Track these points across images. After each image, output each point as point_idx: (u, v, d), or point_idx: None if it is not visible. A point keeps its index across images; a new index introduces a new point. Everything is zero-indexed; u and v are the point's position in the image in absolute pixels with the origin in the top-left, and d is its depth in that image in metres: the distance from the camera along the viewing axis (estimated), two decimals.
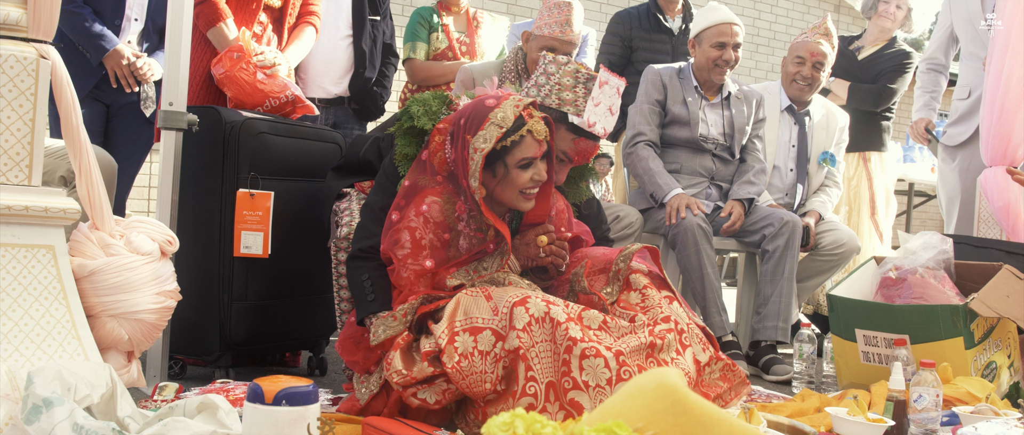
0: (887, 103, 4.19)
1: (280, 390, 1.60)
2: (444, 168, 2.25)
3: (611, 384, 1.97)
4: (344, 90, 3.75)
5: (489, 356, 2.04)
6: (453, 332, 2.05)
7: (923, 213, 10.15)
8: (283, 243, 2.68)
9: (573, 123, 2.41)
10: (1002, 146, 3.29)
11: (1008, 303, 2.71)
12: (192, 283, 2.57)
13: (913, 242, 3.02)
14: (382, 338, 2.14)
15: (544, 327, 2.03)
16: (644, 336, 2.10)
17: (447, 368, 2.03)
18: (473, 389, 2.04)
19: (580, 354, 1.98)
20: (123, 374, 1.99)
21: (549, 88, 2.41)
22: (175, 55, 2.53)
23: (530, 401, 2.01)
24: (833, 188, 3.77)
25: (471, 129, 2.16)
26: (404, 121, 2.36)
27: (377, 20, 3.83)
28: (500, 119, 2.13)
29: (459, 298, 2.11)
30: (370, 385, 2.21)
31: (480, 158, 2.12)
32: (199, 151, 2.63)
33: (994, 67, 3.30)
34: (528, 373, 2.01)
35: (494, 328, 2.05)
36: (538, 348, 2.02)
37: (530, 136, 2.16)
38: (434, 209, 2.19)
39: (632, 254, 2.28)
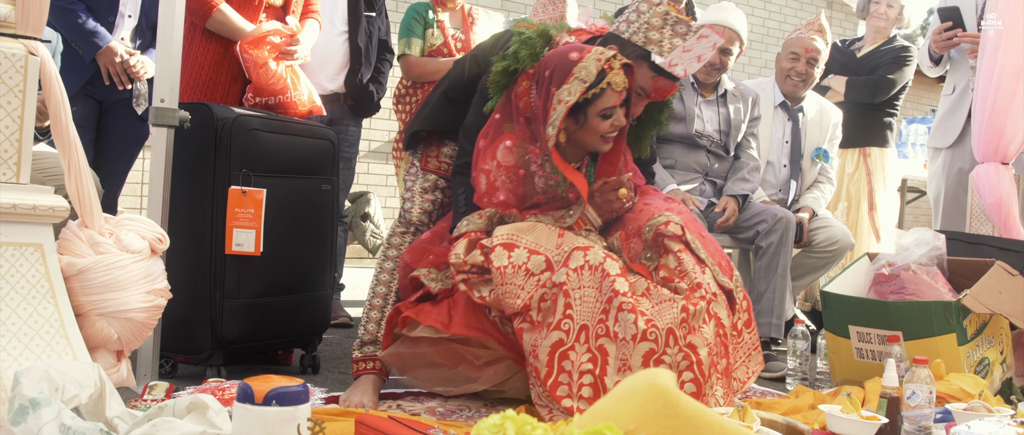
0: (886, 95, 4.19)
1: (270, 390, 1.59)
2: (527, 110, 2.39)
3: (635, 340, 2.12)
4: (340, 86, 3.74)
5: (532, 278, 2.21)
6: (514, 242, 2.24)
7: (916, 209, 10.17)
8: (275, 240, 2.66)
9: (655, 62, 2.48)
10: (994, 142, 3.29)
11: (1000, 299, 2.72)
12: (183, 281, 2.56)
13: (906, 238, 3.02)
14: (462, 230, 2.35)
15: (594, 275, 2.19)
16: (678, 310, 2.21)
17: (493, 266, 2.20)
18: (506, 298, 2.21)
19: (618, 306, 2.15)
20: (112, 373, 1.98)
21: (638, 26, 2.48)
22: (167, 52, 2.52)
23: (561, 336, 2.17)
24: (826, 184, 3.77)
25: (556, 82, 2.31)
26: (509, 62, 2.42)
27: (373, 16, 3.81)
28: (583, 74, 2.28)
29: (537, 224, 2.32)
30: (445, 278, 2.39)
31: (563, 109, 2.28)
32: (191, 148, 2.62)
33: (986, 64, 3.30)
34: (567, 310, 2.18)
35: (549, 257, 2.24)
36: (583, 292, 2.18)
37: (610, 88, 2.31)
38: (507, 154, 2.36)
39: (659, 224, 2.39)
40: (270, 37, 2.93)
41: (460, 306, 2.34)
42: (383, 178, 7.35)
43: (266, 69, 2.91)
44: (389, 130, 7.15)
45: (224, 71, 2.95)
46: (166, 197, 2.53)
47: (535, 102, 2.37)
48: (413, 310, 2.39)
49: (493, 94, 2.45)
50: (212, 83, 2.95)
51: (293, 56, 2.99)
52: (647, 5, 2.47)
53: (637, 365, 2.14)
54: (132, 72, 3.13)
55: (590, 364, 2.16)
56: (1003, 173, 3.32)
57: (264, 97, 2.91)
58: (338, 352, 3.22)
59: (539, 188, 2.42)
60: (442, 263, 2.43)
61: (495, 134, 2.41)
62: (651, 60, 2.46)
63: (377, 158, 7.33)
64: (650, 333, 2.13)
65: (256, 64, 2.90)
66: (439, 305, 2.37)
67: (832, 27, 10.67)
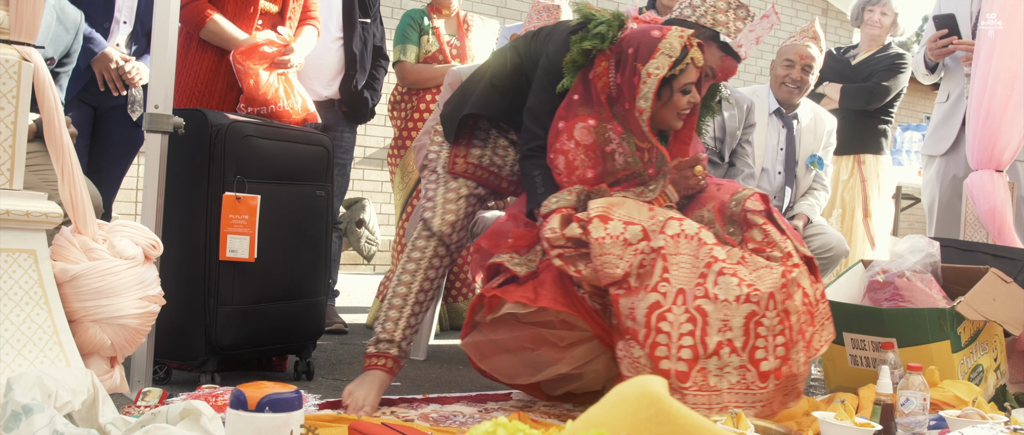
0: (880, 101, 4.19)
1: (263, 397, 1.59)
2: (606, 91, 2.45)
3: (738, 301, 2.18)
4: (334, 93, 3.74)
5: (630, 247, 2.25)
6: (609, 215, 2.29)
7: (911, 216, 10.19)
8: (270, 247, 2.66)
9: (724, 42, 2.60)
10: (988, 150, 3.30)
11: (994, 306, 2.72)
12: (177, 287, 2.56)
13: (900, 245, 3.02)
14: (553, 207, 2.37)
15: (690, 243, 2.25)
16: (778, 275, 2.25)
17: (591, 237, 2.25)
18: (605, 268, 2.24)
19: (718, 271, 2.20)
20: (106, 380, 1.97)
21: (704, 9, 2.60)
22: (161, 58, 2.52)
23: (658, 298, 2.21)
24: (821, 191, 3.78)
25: (642, 58, 2.39)
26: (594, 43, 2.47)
27: (367, 23, 3.82)
28: (669, 48, 2.38)
29: (625, 199, 2.37)
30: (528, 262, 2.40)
31: (654, 83, 2.37)
32: (185, 154, 2.61)
33: (980, 70, 3.31)
34: (664, 274, 2.21)
35: (646, 226, 2.28)
36: (680, 259, 2.23)
37: (692, 64, 2.42)
38: (585, 134, 2.43)
39: (744, 198, 2.45)
40: (262, 47, 2.92)
41: (547, 283, 2.36)
42: (378, 184, 7.35)
43: (257, 79, 2.89)
44: (384, 136, 7.15)
45: (220, 80, 2.95)
46: (160, 203, 2.53)
47: (615, 81, 2.45)
48: (498, 290, 2.40)
49: (568, 74, 2.50)
50: (208, 92, 2.94)
51: (287, 65, 2.98)
52: None
53: (738, 326, 2.19)
54: (127, 78, 3.12)
55: (689, 325, 2.20)
56: (997, 180, 3.33)
57: (256, 107, 2.90)
58: (333, 359, 3.22)
59: (619, 166, 2.48)
60: (523, 246, 2.46)
61: (572, 115, 2.47)
62: (720, 40, 2.59)
63: (372, 164, 7.33)
64: (753, 295, 2.20)
65: (247, 75, 2.89)
66: (524, 284, 2.38)
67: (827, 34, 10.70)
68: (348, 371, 3.00)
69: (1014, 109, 3.26)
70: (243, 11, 2.94)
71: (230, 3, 2.92)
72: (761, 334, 2.20)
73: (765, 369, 2.21)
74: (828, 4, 10.49)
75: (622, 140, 2.46)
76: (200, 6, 2.90)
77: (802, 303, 2.29)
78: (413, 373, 3.05)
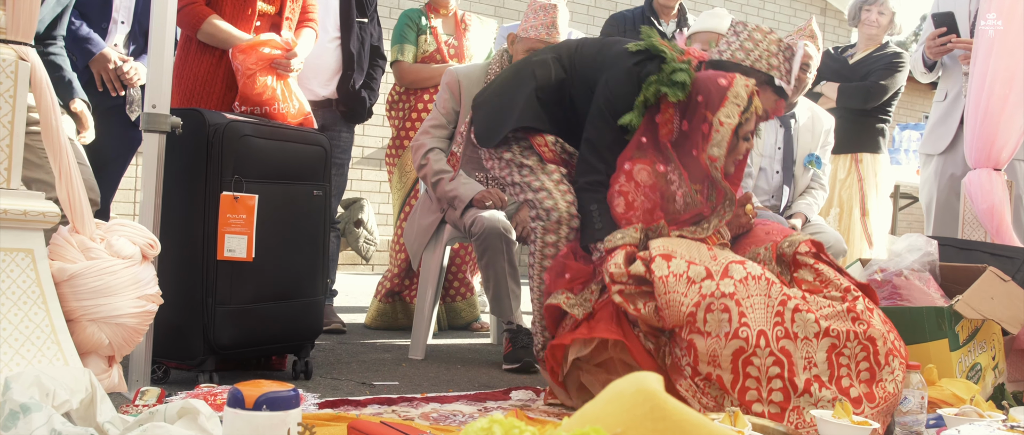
0: (877, 100, 4.20)
1: (260, 395, 1.59)
2: (669, 136, 2.51)
3: (818, 337, 2.24)
4: (332, 92, 3.74)
5: (694, 286, 2.27)
6: (671, 253, 2.32)
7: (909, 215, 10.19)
8: (268, 246, 2.66)
9: (779, 86, 2.64)
10: (986, 149, 3.30)
11: (992, 305, 2.72)
12: (175, 287, 2.56)
13: (898, 244, 3.03)
14: (617, 243, 2.42)
15: (759, 284, 2.28)
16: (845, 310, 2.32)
17: (654, 276, 2.27)
18: (669, 308, 2.27)
19: (793, 309, 2.25)
20: (104, 379, 1.98)
21: (758, 54, 2.63)
22: (158, 58, 2.52)
23: (741, 344, 2.24)
24: (819, 190, 3.78)
25: (712, 106, 2.46)
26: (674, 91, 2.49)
27: (365, 22, 3.82)
28: (738, 98, 2.45)
29: (683, 239, 2.41)
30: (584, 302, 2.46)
31: (727, 132, 2.44)
32: (182, 154, 2.61)
33: (978, 70, 3.31)
34: (742, 319, 2.24)
35: (708, 267, 2.30)
36: (752, 300, 2.26)
37: (755, 112, 2.50)
38: (643, 174, 2.49)
39: (798, 242, 2.50)
40: (263, 48, 2.90)
41: (603, 319, 2.40)
42: (376, 184, 7.35)
43: (254, 78, 2.88)
44: (382, 136, 7.15)
45: (219, 81, 2.94)
46: (158, 203, 2.53)
47: (681, 127, 2.51)
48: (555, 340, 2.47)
49: (636, 113, 2.53)
50: (206, 93, 2.94)
51: (288, 69, 2.96)
52: (760, 34, 2.64)
53: (822, 360, 2.26)
54: (125, 79, 3.12)
55: (777, 368, 2.24)
56: (995, 179, 3.33)
57: (250, 107, 2.88)
58: (331, 358, 3.22)
59: (679, 206, 2.54)
60: (579, 284, 2.50)
61: (636, 156, 2.51)
62: (776, 84, 2.62)
63: (370, 164, 7.33)
64: (832, 330, 2.26)
65: (244, 73, 2.88)
66: (577, 329, 2.43)
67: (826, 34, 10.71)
68: (346, 371, 3.01)
69: (1012, 108, 3.26)
70: (241, 13, 2.94)
71: (227, 5, 2.92)
72: (843, 363, 2.26)
73: (855, 396, 2.27)
74: (826, 3, 10.50)
75: (681, 181, 2.52)
76: (197, 8, 2.89)
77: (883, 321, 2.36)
78: (412, 372, 3.05)
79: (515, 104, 2.70)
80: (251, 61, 2.88)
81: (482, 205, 3.20)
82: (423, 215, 3.40)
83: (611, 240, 2.45)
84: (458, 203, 3.21)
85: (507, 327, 3.26)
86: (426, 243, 3.38)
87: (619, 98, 2.56)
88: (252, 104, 2.87)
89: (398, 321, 4.00)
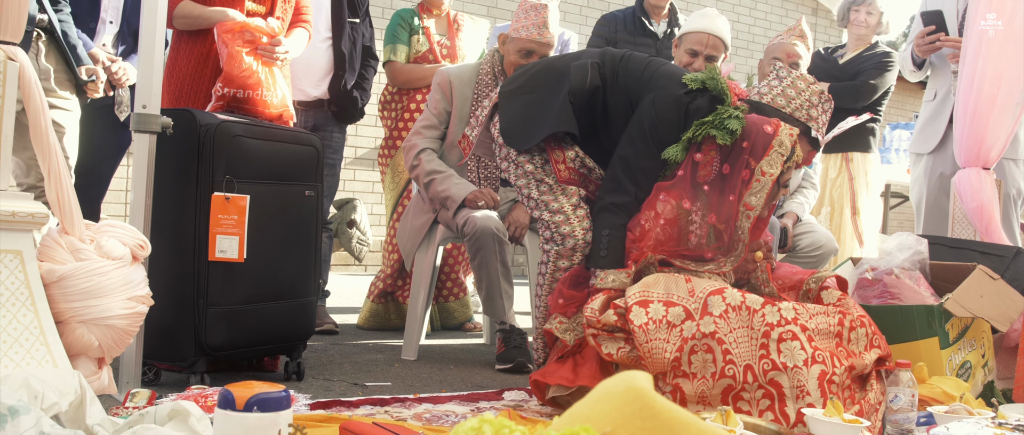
0: (867, 99, 4.21)
1: (251, 396, 1.59)
2: (707, 178, 2.48)
3: (807, 364, 2.19)
4: (324, 92, 3.74)
5: (675, 330, 2.24)
6: (647, 298, 2.28)
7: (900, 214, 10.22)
8: (259, 247, 2.66)
9: (814, 137, 2.61)
10: (975, 148, 3.31)
11: (982, 303, 2.73)
12: (167, 288, 2.55)
13: (889, 243, 3.03)
14: (607, 285, 2.41)
15: (740, 314, 2.25)
16: (834, 322, 2.31)
17: (633, 326, 2.23)
18: (652, 356, 2.22)
19: (777, 338, 2.21)
20: (93, 381, 1.97)
21: (799, 103, 2.59)
22: (148, 57, 2.51)
23: (729, 382, 2.21)
24: (810, 189, 3.79)
25: (757, 154, 2.45)
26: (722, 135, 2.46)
27: (357, 22, 3.81)
28: (782, 147, 2.45)
29: (660, 276, 2.36)
30: (576, 327, 2.46)
31: (769, 182, 2.45)
32: (173, 154, 2.61)
33: (967, 69, 3.32)
34: (727, 356, 2.21)
35: (687, 307, 2.26)
36: (736, 334, 2.23)
37: (795, 160, 2.52)
38: (668, 209, 2.46)
39: (824, 278, 2.52)
40: (250, 28, 2.85)
41: (589, 360, 2.39)
42: (369, 184, 7.34)
43: (238, 59, 2.80)
44: (375, 137, 7.15)
45: (205, 80, 2.92)
46: (148, 203, 2.52)
47: (721, 170, 2.48)
48: (540, 374, 2.46)
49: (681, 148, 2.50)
50: (193, 92, 2.93)
51: (274, 57, 2.93)
52: (804, 84, 2.61)
53: (814, 389, 2.21)
54: (114, 79, 3.11)
55: (767, 400, 2.22)
56: (984, 178, 3.34)
57: (233, 88, 2.79)
58: (323, 359, 3.22)
59: (692, 245, 2.50)
60: (572, 308, 2.49)
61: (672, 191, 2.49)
62: (812, 135, 2.60)
63: (363, 165, 7.33)
64: (818, 355, 2.22)
65: (230, 52, 2.81)
66: (565, 362, 2.43)
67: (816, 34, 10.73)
68: (338, 371, 3.00)
69: (1001, 108, 3.27)
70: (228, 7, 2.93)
71: (214, 3, 2.91)
72: (833, 391, 2.23)
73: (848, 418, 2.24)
74: (817, 3, 10.53)
75: (703, 222, 2.49)
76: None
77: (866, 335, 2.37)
78: (404, 373, 3.05)
79: (550, 108, 2.64)
80: (237, 40, 2.83)
81: (475, 205, 3.19)
82: (416, 215, 3.39)
83: (603, 279, 2.44)
84: (450, 203, 3.21)
85: (500, 327, 3.26)
86: (419, 243, 3.38)
87: (664, 125, 2.52)
88: (236, 86, 2.78)
89: (391, 322, 4.00)
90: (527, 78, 2.77)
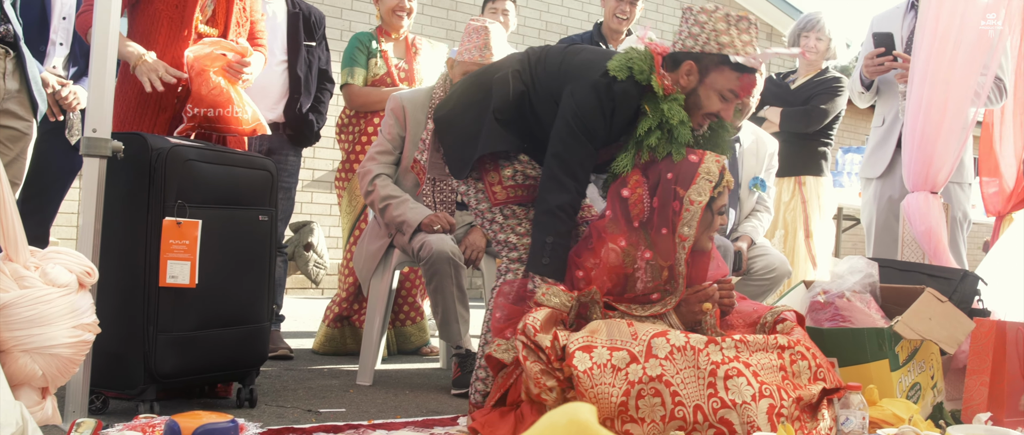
0: (819, 124, 4.28)
1: (198, 427, 1.57)
2: (640, 216, 2.47)
3: (755, 399, 2.17)
4: (279, 116, 3.72)
5: (620, 374, 2.20)
6: (591, 344, 2.23)
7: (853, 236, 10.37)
8: (212, 272, 2.62)
9: (736, 62, 2.49)
10: (923, 172, 3.38)
11: (931, 325, 2.77)
12: (116, 314, 2.51)
13: (840, 266, 3.07)
14: (550, 303, 2.36)
15: (685, 355, 2.22)
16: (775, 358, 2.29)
17: (578, 371, 2.18)
18: (599, 401, 2.18)
19: (724, 375, 2.18)
20: (36, 412, 1.92)
21: (706, 37, 2.50)
22: (99, 81, 2.48)
23: (680, 424, 2.18)
24: (764, 213, 3.84)
25: (683, 183, 2.44)
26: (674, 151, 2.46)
27: (312, 46, 3.80)
28: (709, 173, 2.44)
29: (602, 322, 2.31)
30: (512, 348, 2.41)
31: (698, 210, 2.42)
32: (124, 179, 2.57)
33: (914, 94, 3.39)
34: (676, 398, 2.18)
35: (631, 350, 2.23)
36: (683, 375, 2.20)
37: (726, 186, 2.49)
38: (612, 256, 2.43)
39: (781, 312, 2.50)
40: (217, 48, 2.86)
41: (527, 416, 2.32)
42: (327, 207, 7.29)
43: (205, 76, 2.80)
44: (333, 159, 7.11)
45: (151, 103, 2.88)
46: (98, 229, 2.48)
47: (651, 204, 2.47)
48: (481, 424, 2.40)
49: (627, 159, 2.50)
50: (139, 116, 2.89)
51: (241, 76, 2.90)
52: (705, 16, 2.52)
53: (764, 423, 2.19)
54: (64, 103, 3.06)
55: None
56: (932, 202, 3.40)
57: (204, 109, 2.80)
58: (277, 385, 3.18)
59: (638, 289, 2.48)
60: (509, 330, 2.45)
61: (607, 234, 2.47)
62: (731, 62, 2.50)
63: (321, 187, 7.28)
64: (765, 389, 2.21)
65: (197, 71, 2.80)
66: (507, 417, 2.37)
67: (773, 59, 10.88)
68: (293, 397, 2.97)
69: (947, 133, 3.34)
70: (177, 34, 2.89)
71: (164, 26, 2.88)
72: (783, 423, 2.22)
73: None
74: (771, 29, 10.70)
75: (648, 265, 2.47)
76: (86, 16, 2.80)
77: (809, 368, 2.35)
78: (359, 399, 3.02)
79: (477, 130, 2.63)
80: (204, 59, 2.82)
81: (430, 229, 3.19)
82: (371, 240, 3.38)
83: (547, 297, 2.38)
84: (406, 228, 3.20)
85: (456, 352, 3.24)
86: (375, 268, 3.36)
87: (586, 112, 2.48)
88: (206, 106, 2.79)
89: (347, 346, 3.96)
90: (456, 98, 2.76)
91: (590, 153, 2.52)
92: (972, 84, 3.34)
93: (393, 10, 3.95)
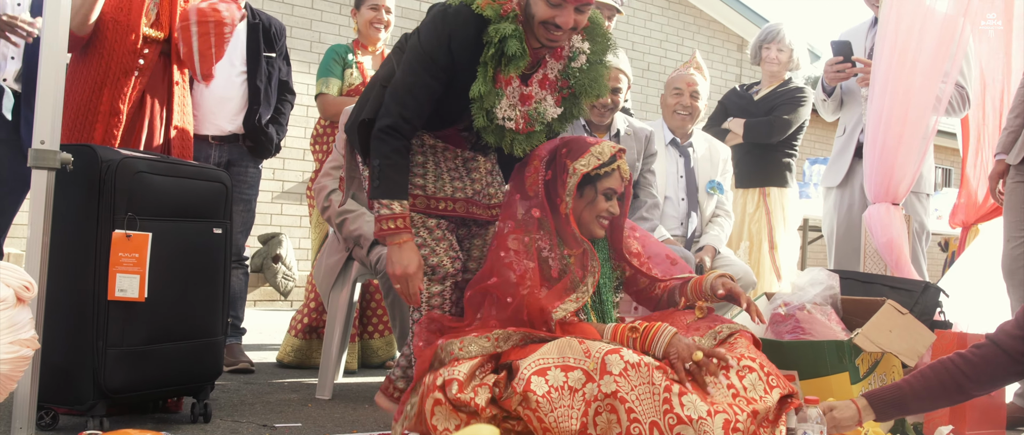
0: (782, 134, 4.30)
1: None
2: (536, 185, 2.52)
3: (711, 415, 2.15)
4: (239, 127, 3.68)
5: (578, 394, 2.17)
6: (544, 366, 2.20)
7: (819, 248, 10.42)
8: (163, 286, 2.58)
9: None
10: (884, 183, 3.39)
11: (891, 338, 2.77)
12: (66, 329, 2.46)
13: (801, 278, 3.07)
14: (472, 354, 2.30)
15: (640, 372, 2.19)
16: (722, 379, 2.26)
17: (536, 396, 2.14)
18: (559, 425, 2.15)
19: (678, 392, 2.17)
20: None
21: None
22: (47, 92, 2.43)
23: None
24: (725, 217, 3.85)
25: (573, 156, 2.52)
26: (513, 67, 2.45)
27: (272, 57, 3.78)
28: (599, 152, 2.52)
29: (553, 343, 2.28)
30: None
31: (577, 178, 2.49)
32: (74, 191, 2.53)
33: (874, 106, 3.40)
34: (631, 415, 2.15)
35: (585, 368, 2.20)
36: (638, 392, 2.17)
37: (618, 172, 2.55)
38: (516, 243, 2.46)
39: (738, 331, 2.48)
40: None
41: None
42: (297, 219, 7.23)
43: None
44: (303, 171, 7.05)
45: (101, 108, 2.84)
46: (46, 242, 2.43)
47: (547, 176, 2.53)
48: None
49: (480, 84, 2.47)
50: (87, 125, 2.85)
51: None
52: None
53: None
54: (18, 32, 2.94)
55: None
56: (894, 213, 3.42)
57: None
58: (235, 399, 3.13)
59: (554, 274, 2.48)
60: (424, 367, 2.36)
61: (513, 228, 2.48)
62: None
63: (290, 199, 7.22)
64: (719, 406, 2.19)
65: None
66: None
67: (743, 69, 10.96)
68: (249, 412, 2.92)
69: (908, 145, 3.36)
70: (123, 38, 2.84)
71: (108, 32, 2.84)
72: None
73: None
74: (742, 40, 10.77)
75: (553, 247, 2.49)
76: None
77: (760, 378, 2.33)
78: (317, 413, 2.98)
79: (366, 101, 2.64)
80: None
81: None
82: (330, 254, 3.35)
83: (466, 350, 2.31)
84: (364, 241, 3.17)
85: None
86: (334, 281, 3.32)
87: (425, 39, 2.49)
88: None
89: (313, 359, 3.92)
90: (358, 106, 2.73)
91: (426, 83, 2.49)
92: (933, 90, 3.36)
93: (370, 22, 3.98)
